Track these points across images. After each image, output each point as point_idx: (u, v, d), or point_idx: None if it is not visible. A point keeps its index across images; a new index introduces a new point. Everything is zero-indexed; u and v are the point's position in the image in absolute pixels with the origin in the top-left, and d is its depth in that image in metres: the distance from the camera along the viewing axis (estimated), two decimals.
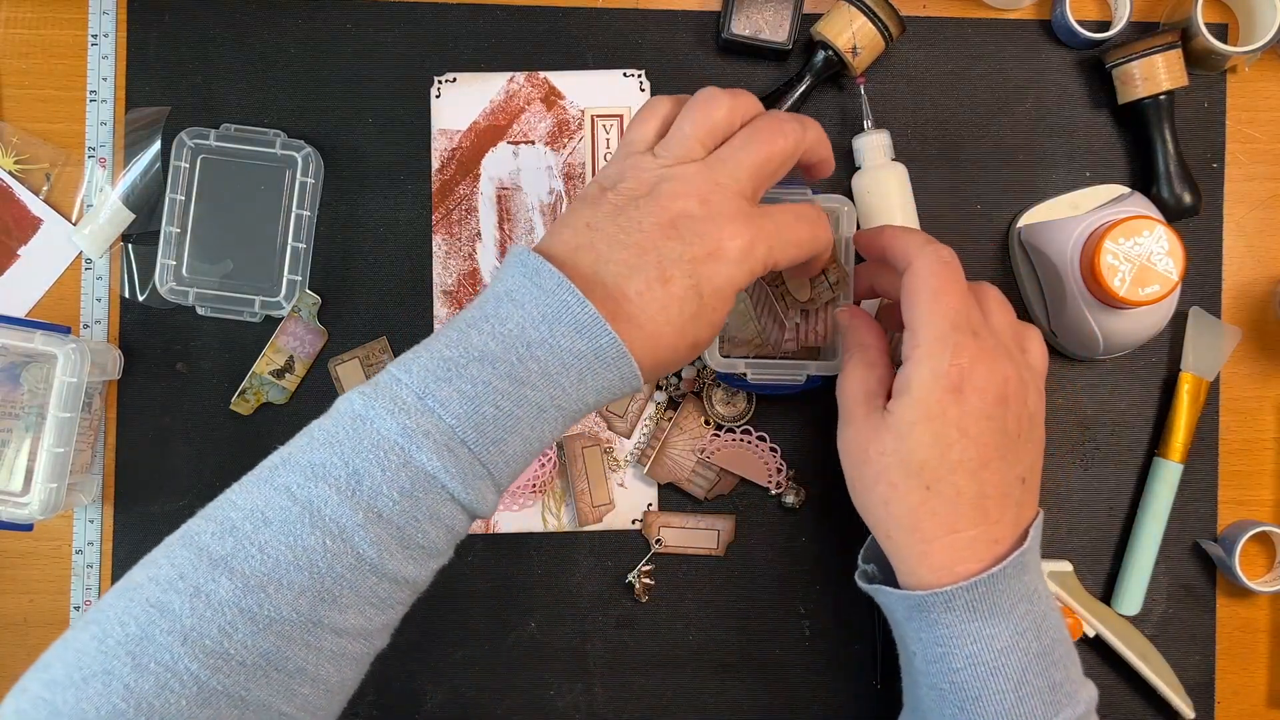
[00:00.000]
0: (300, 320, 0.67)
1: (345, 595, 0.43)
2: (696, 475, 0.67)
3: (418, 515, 0.44)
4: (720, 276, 0.48)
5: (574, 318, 0.46)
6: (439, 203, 0.68)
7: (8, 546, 0.68)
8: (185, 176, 0.66)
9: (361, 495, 0.43)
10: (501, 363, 0.45)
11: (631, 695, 0.68)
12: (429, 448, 0.43)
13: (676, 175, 0.49)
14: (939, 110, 0.69)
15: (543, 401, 0.46)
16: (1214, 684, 0.68)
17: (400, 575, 0.45)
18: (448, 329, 0.47)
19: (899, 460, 0.51)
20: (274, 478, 0.44)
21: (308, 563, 0.43)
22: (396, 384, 0.45)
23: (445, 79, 0.68)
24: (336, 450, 0.44)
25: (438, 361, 0.45)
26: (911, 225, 0.65)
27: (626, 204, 0.48)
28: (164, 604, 0.42)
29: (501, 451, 0.45)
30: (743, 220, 0.48)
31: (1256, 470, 0.69)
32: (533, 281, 0.46)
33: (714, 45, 0.68)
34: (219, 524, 0.44)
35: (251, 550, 0.43)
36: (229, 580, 0.42)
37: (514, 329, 0.46)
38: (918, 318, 0.51)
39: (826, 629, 0.68)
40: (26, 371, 0.64)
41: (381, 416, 0.44)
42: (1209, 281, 0.69)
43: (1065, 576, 0.66)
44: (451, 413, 0.44)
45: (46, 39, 0.68)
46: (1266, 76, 0.69)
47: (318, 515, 0.43)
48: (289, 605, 0.42)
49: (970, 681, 0.50)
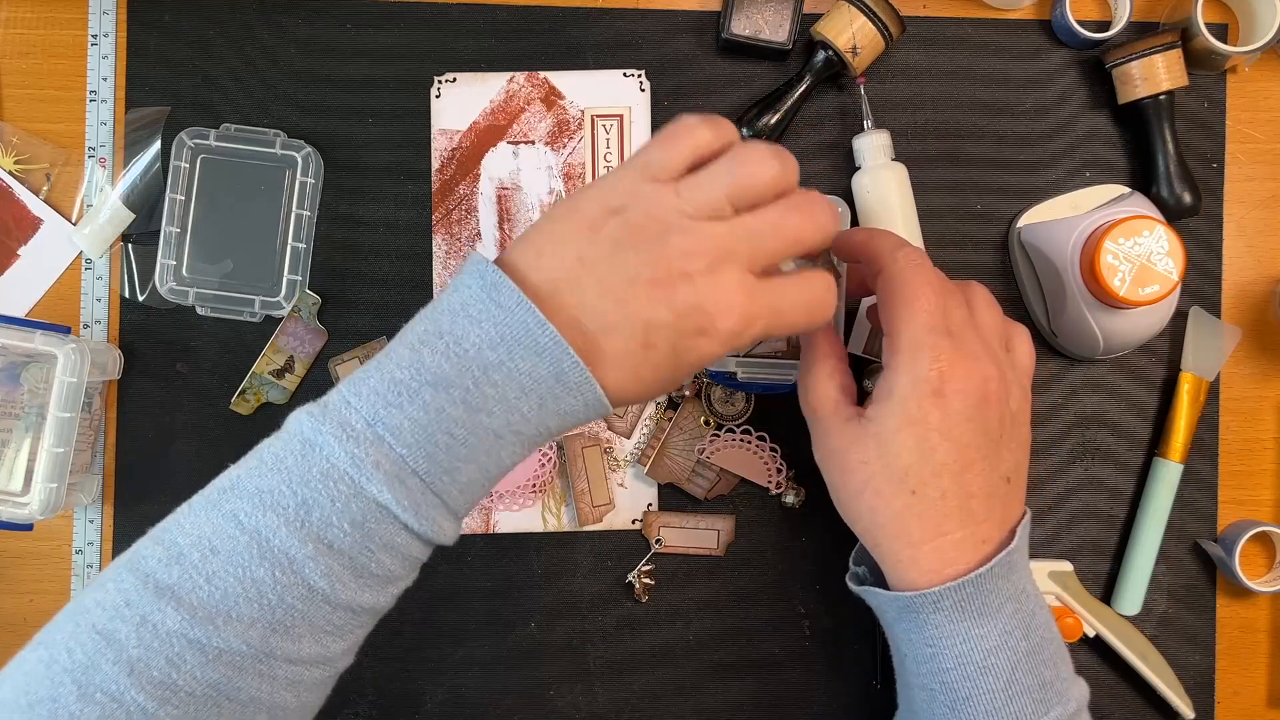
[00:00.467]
0: (300, 320, 0.67)
1: (298, 626, 0.42)
2: (696, 475, 0.67)
3: (370, 545, 0.42)
4: (703, 351, 0.45)
5: (534, 341, 0.43)
6: (439, 202, 0.68)
7: (8, 546, 0.68)
8: (185, 176, 0.66)
9: (311, 526, 0.42)
10: (456, 388, 0.42)
11: (631, 695, 0.68)
12: (379, 479, 0.42)
13: (692, 232, 0.44)
14: (939, 110, 0.69)
15: (499, 429, 0.43)
16: (1214, 684, 0.68)
17: (355, 604, 0.43)
18: (400, 343, 0.44)
19: (883, 467, 0.50)
20: (222, 503, 0.43)
21: (257, 594, 0.41)
22: (346, 407, 0.43)
23: (445, 79, 0.68)
24: (284, 477, 0.42)
25: (388, 384, 0.43)
26: (911, 225, 0.65)
27: (627, 241, 0.44)
28: (109, 632, 0.41)
29: (455, 480, 0.43)
30: (744, 297, 0.44)
31: (1256, 470, 0.69)
32: (491, 298, 0.43)
33: (714, 45, 0.68)
34: (166, 550, 0.42)
35: (199, 580, 0.41)
36: (175, 611, 0.41)
37: (470, 350, 0.43)
38: (893, 324, 0.51)
39: (826, 629, 0.68)
40: (26, 371, 0.64)
41: (330, 444, 0.42)
42: (1209, 281, 0.69)
43: (1065, 576, 0.66)
44: (403, 441, 0.42)
45: (46, 39, 0.68)
46: (1266, 76, 0.69)
47: (266, 546, 0.41)
48: (238, 637, 0.41)
49: (960, 681, 0.50)
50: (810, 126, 0.68)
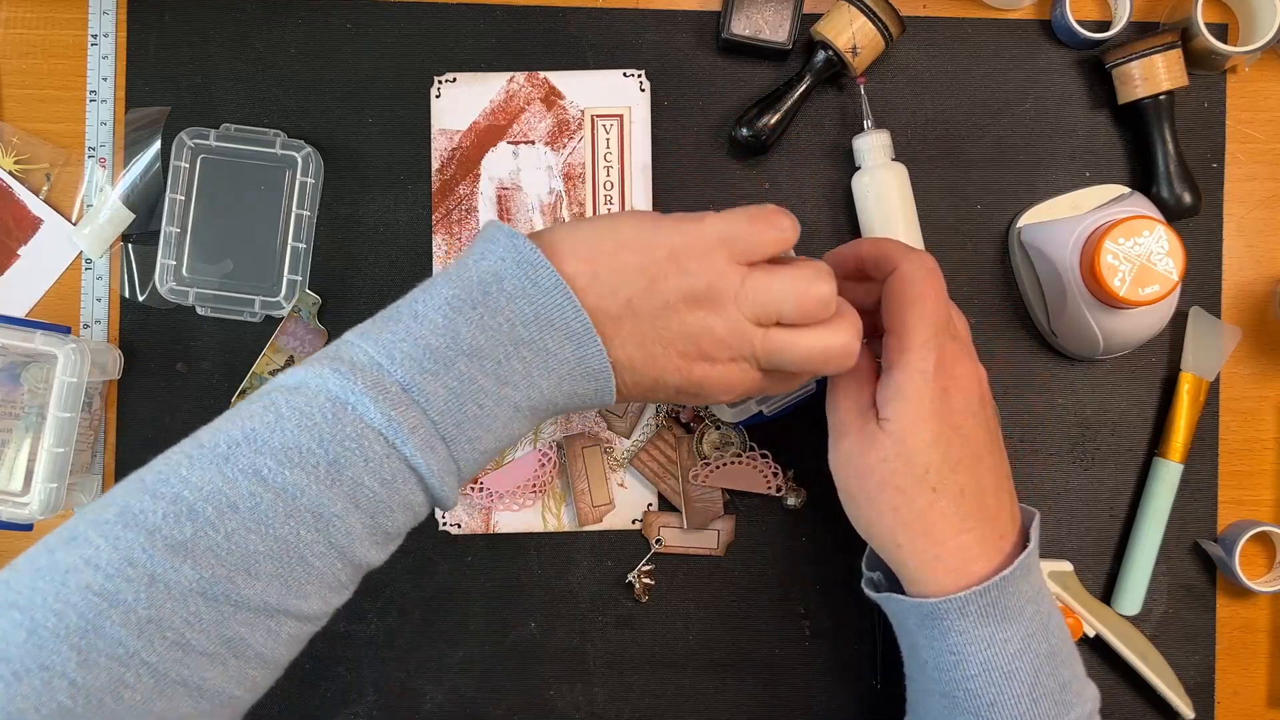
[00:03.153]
0: (300, 320, 0.67)
1: (312, 583, 0.42)
2: (697, 502, 0.66)
3: (392, 504, 0.43)
4: (695, 400, 0.51)
5: (566, 324, 0.45)
6: (439, 202, 0.68)
7: (8, 546, 0.68)
8: (185, 176, 0.66)
9: (342, 484, 0.42)
10: (489, 360, 0.44)
11: (631, 695, 0.68)
12: (414, 443, 0.42)
13: (735, 326, 0.47)
14: (939, 110, 0.69)
15: (519, 401, 0.45)
16: (1214, 684, 0.68)
17: (365, 560, 0.44)
18: (431, 308, 0.45)
19: (903, 465, 0.51)
20: (236, 458, 0.41)
21: (280, 551, 0.41)
22: (379, 370, 0.43)
23: (445, 79, 0.68)
24: (313, 434, 0.42)
25: (424, 351, 0.43)
26: (911, 225, 0.65)
27: (680, 305, 0.47)
28: (111, 593, 0.38)
29: (474, 448, 0.45)
30: (746, 384, 0.50)
31: (1256, 470, 0.69)
32: (528, 275, 0.45)
33: (714, 45, 0.68)
34: (170, 503, 0.40)
35: (217, 538, 0.40)
36: (192, 569, 0.39)
37: (504, 324, 0.44)
38: (905, 322, 0.51)
39: (826, 629, 0.68)
40: (26, 371, 0.64)
41: (365, 404, 0.42)
42: (1209, 281, 0.69)
43: (1065, 576, 0.66)
44: (436, 409, 0.43)
45: (46, 39, 0.68)
46: (1266, 76, 0.69)
47: (293, 504, 0.41)
48: (257, 595, 0.41)
49: (984, 688, 0.50)
50: (810, 126, 0.68)
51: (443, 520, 0.67)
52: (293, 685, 0.67)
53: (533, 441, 0.67)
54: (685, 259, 0.47)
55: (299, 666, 0.66)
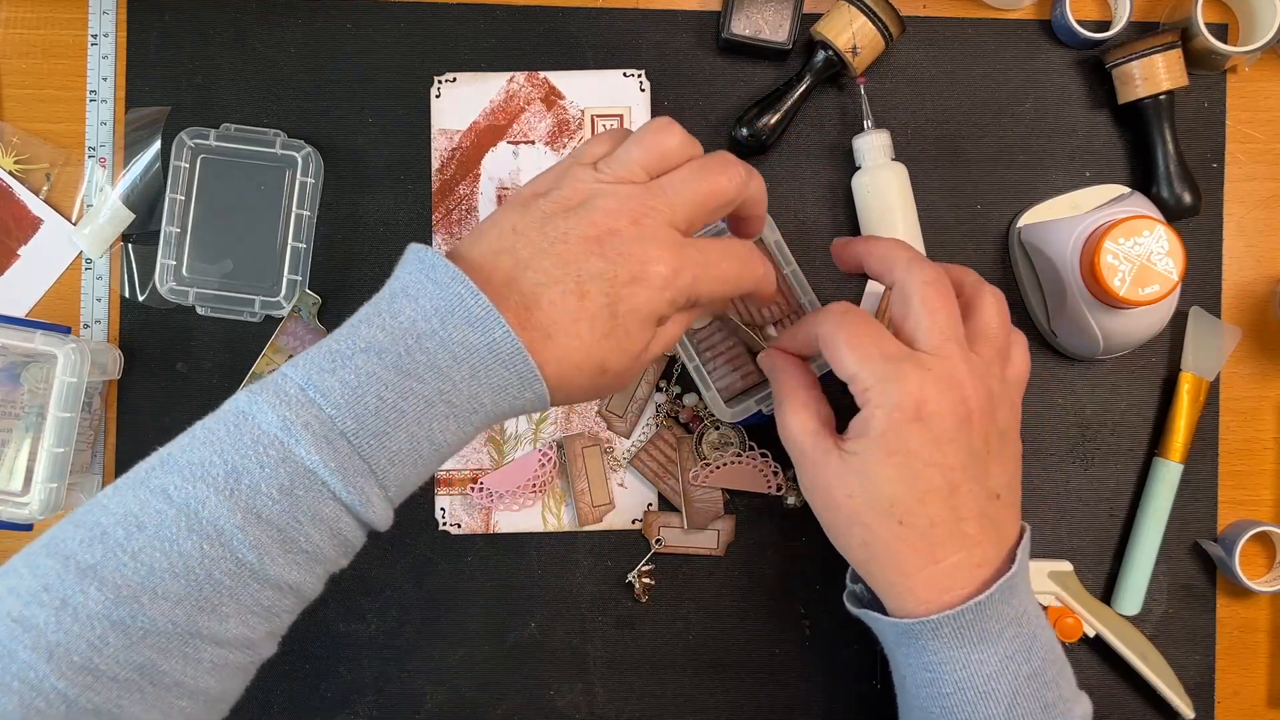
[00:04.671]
0: (300, 320, 0.67)
1: (226, 604, 0.41)
2: (697, 503, 0.66)
3: (298, 515, 0.42)
4: (638, 299, 0.46)
5: (467, 310, 0.44)
6: (439, 202, 0.68)
7: (8, 546, 0.68)
8: (185, 176, 0.66)
9: (240, 494, 0.41)
10: (388, 353, 0.43)
11: (631, 695, 0.68)
12: (307, 440, 0.41)
13: (612, 193, 0.47)
14: (939, 110, 0.69)
15: (430, 395, 0.44)
16: (1214, 684, 0.68)
17: (283, 581, 0.43)
18: (341, 327, 0.45)
19: (867, 501, 0.50)
20: (150, 479, 0.42)
21: (184, 569, 0.40)
22: (282, 378, 0.43)
23: (445, 79, 0.68)
24: (216, 448, 0.42)
25: (325, 355, 0.44)
26: (911, 225, 0.65)
27: (556, 213, 0.47)
28: (26, 618, 0.39)
29: (384, 446, 0.43)
30: (671, 248, 0.47)
31: (1256, 470, 0.69)
32: (428, 276, 0.45)
33: (714, 45, 0.68)
34: (88, 530, 0.41)
35: (123, 558, 0.40)
36: (99, 590, 0.40)
37: (405, 322, 0.44)
38: (851, 367, 0.51)
39: (826, 629, 0.68)
40: (26, 371, 0.64)
41: (263, 410, 0.42)
42: (1209, 281, 0.69)
43: (1065, 576, 0.66)
44: (332, 402, 0.42)
45: (46, 39, 0.68)
46: (1266, 76, 0.69)
47: (194, 518, 0.41)
48: (164, 616, 0.40)
49: (960, 706, 0.50)
50: (810, 126, 0.68)
51: (442, 520, 0.67)
52: (293, 685, 0.67)
53: (533, 441, 0.67)
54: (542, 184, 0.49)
55: (299, 667, 0.67)
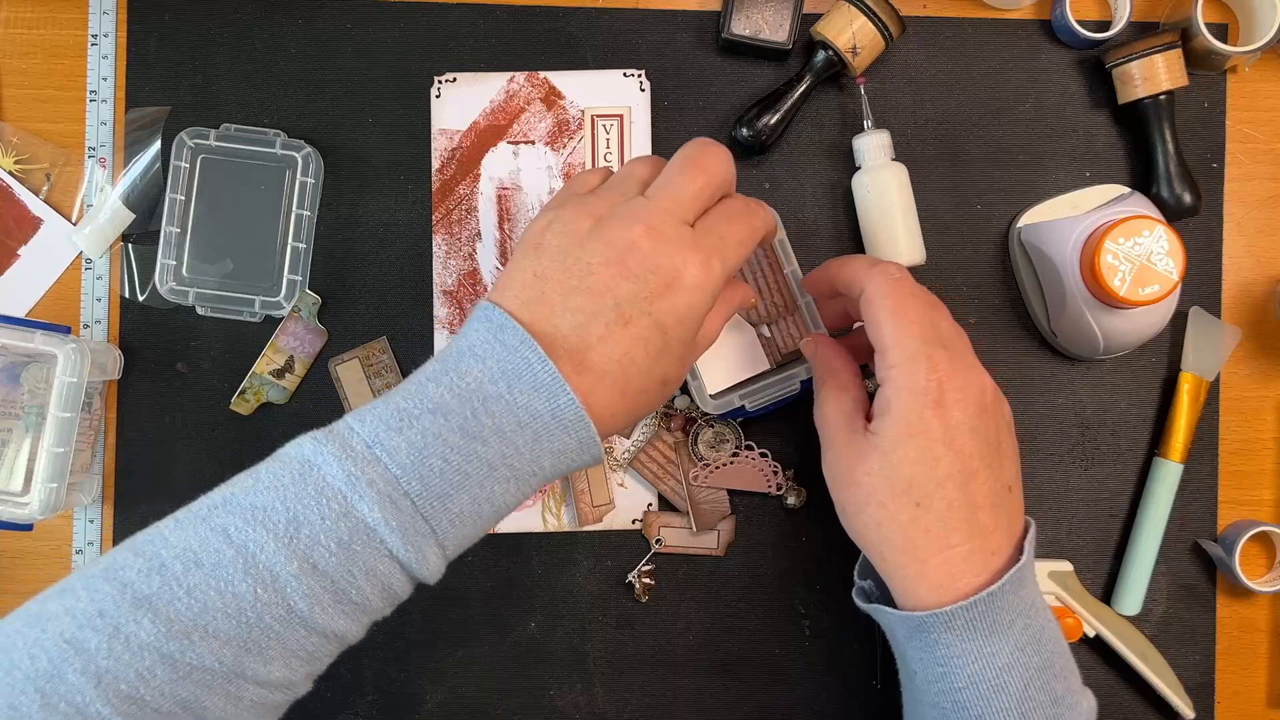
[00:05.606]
0: (300, 320, 0.67)
1: (272, 647, 0.42)
2: (704, 504, 0.67)
3: (353, 569, 0.42)
4: (681, 307, 0.47)
5: (534, 375, 0.45)
6: (439, 202, 0.68)
7: (8, 546, 0.68)
8: (185, 176, 0.66)
9: (299, 543, 0.42)
10: (455, 415, 0.44)
11: (631, 695, 0.68)
12: (371, 497, 0.42)
13: (619, 212, 0.48)
14: (939, 110, 0.69)
15: (493, 459, 0.44)
16: (1214, 684, 0.68)
17: (330, 629, 0.43)
18: (409, 381, 0.46)
19: (885, 479, 0.50)
20: (212, 517, 0.43)
21: (236, 610, 0.41)
22: (349, 432, 0.44)
23: (445, 79, 0.68)
24: (279, 494, 0.43)
25: (392, 412, 0.44)
26: (911, 225, 0.65)
27: (571, 245, 0.47)
28: (79, 641, 0.40)
29: (446, 508, 0.44)
30: (691, 244, 0.48)
31: (1256, 470, 0.69)
32: (496, 338, 0.46)
33: (714, 45, 0.68)
34: (147, 560, 0.42)
35: (179, 592, 0.41)
36: (152, 623, 0.40)
37: (472, 383, 0.45)
38: (884, 337, 0.51)
39: (826, 629, 0.68)
40: (26, 371, 0.64)
41: (329, 462, 0.43)
42: (1209, 281, 0.69)
43: (1065, 576, 0.66)
44: (398, 462, 0.43)
45: (46, 39, 0.68)
46: (1266, 76, 0.69)
47: (252, 561, 0.41)
48: (213, 654, 0.41)
49: (973, 700, 0.50)
50: (810, 126, 0.68)
51: None
52: None
53: None
54: (544, 220, 0.49)
55: None
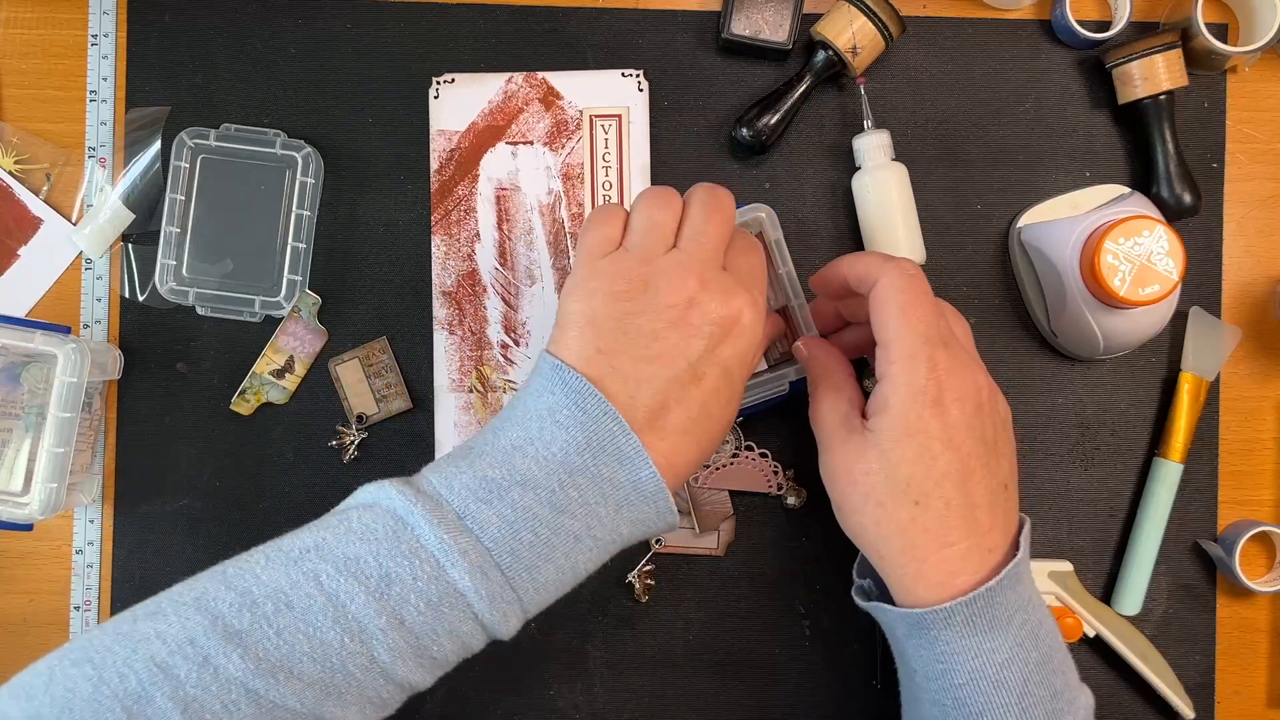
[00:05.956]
0: (300, 320, 0.67)
1: (351, 693, 0.43)
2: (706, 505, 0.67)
3: (439, 629, 0.44)
4: (744, 348, 0.50)
5: (618, 448, 0.46)
6: (438, 203, 0.68)
7: (8, 546, 0.68)
8: (185, 176, 0.66)
9: (389, 599, 0.43)
10: (543, 489, 0.45)
11: (631, 695, 0.68)
12: (464, 566, 0.44)
13: (666, 268, 0.49)
14: (939, 110, 0.69)
15: (579, 530, 0.46)
16: (1214, 684, 0.68)
17: (407, 681, 0.45)
18: (492, 446, 0.47)
19: (884, 478, 0.50)
20: (304, 561, 0.44)
21: (323, 655, 0.42)
22: (437, 495, 0.45)
23: (443, 80, 0.68)
24: (372, 548, 0.44)
25: (480, 481, 0.45)
26: (911, 225, 0.65)
27: (628, 315, 0.48)
28: (169, 666, 0.41)
29: (534, 578, 0.45)
30: (736, 286, 0.50)
31: (1256, 470, 0.69)
32: (577, 405, 0.47)
33: (714, 45, 0.68)
34: (239, 595, 0.43)
35: (269, 632, 0.42)
36: (241, 658, 0.41)
37: (558, 453, 0.46)
38: (889, 332, 0.51)
39: (826, 629, 0.68)
40: (26, 371, 0.64)
41: (421, 525, 0.44)
42: (1209, 281, 0.69)
43: (1065, 576, 0.66)
44: (490, 536, 0.44)
45: (46, 39, 0.68)
46: (1266, 76, 0.69)
47: (342, 611, 0.43)
48: (295, 695, 0.42)
49: (973, 697, 0.50)
50: (810, 126, 0.68)
51: None
52: None
53: None
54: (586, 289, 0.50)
55: None
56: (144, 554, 0.67)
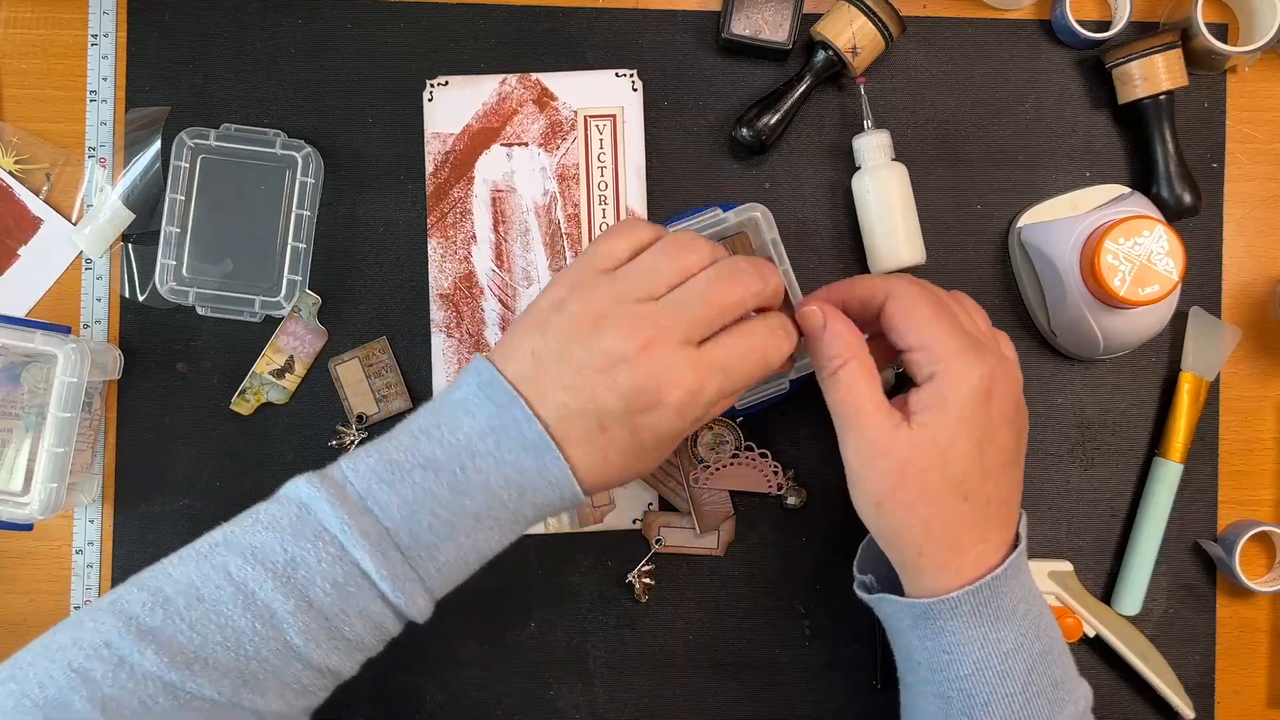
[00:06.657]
0: (300, 320, 0.67)
1: (269, 680, 0.44)
2: (707, 505, 0.67)
3: (347, 609, 0.45)
4: (660, 426, 0.47)
5: (522, 434, 0.46)
6: (434, 206, 0.68)
7: (8, 546, 0.68)
8: (185, 176, 0.66)
9: (296, 582, 0.44)
10: (444, 471, 0.46)
11: (631, 695, 0.68)
12: (364, 547, 0.44)
13: (624, 317, 0.47)
14: (939, 110, 0.69)
15: (479, 511, 0.46)
16: (1214, 684, 0.68)
17: (325, 665, 0.45)
18: (403, 430, 0.48)
19: (940, 475, 0.50)
20: (213, 555, 0.45)
21: (236, 644, 0.43)
22: (344, 480, 0.46)
23: (437, 82, 0.68)
24: (277, 535, 0.45)
25: (385, 464, 0.46)
26: (911, 225, 0.65)
27: (570, 338, 0.47)
28: (86, 670, 0.42)
29: (434, 558, 0.46)
30: (685, 369, 0.47)
31: (1256, 470, 0.69)
32: (486, 395, 0.47)
33: (714, 45, 0.68)
34: (151, 594, 0.44)
35: (181, 625, 0.43)
36: (155, 654, 0.42)
37: (462, 439, 0.46)
38: (924, 336, 0.51)
39: (826, 629, 0.68)
40: (26, 371, 0.64)
41: (324, 509, 0.45)
42: (1209, 281, 0.69)
43: (1065, 576, 0.66)
44: (390, 516, 0.45)
45: (46, 39, 0.68)
46: (1266, 76, 0.69)
47: (251, 598, 0.44)
48: (211, 685, 0.43)
49: (978, 687, 0.50)
50: (810, 126, 0.68)
51: None
52: None
53: None
54: (558, 294, 0.49)
55: None
56: (144, 554, 0.67)
